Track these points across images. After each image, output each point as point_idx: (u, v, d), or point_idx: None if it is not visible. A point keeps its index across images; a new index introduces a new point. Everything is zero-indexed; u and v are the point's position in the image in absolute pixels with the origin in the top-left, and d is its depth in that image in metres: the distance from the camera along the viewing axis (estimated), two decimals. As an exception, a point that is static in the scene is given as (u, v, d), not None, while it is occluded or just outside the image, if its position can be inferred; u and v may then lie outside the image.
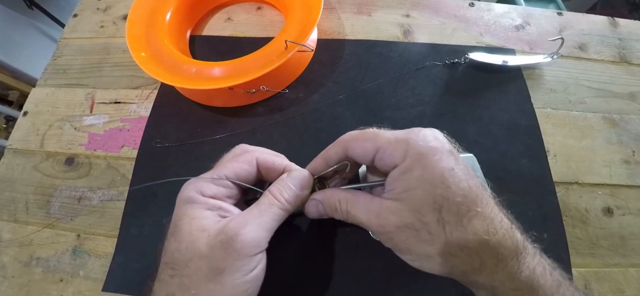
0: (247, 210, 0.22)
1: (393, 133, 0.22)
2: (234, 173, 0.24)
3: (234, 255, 0.20)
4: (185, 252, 0.20)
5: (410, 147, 0.21)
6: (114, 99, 0.39)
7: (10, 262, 0.31)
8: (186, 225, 0.21)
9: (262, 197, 0.23)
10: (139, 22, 0.38)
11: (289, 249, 0.30)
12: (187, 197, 0.22)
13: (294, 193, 0.23)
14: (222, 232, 0.20)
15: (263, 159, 0.25)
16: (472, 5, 0.45)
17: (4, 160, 0.36)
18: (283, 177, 0.24)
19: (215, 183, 0.23)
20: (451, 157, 0.21)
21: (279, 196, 0.23)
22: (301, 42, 0.34)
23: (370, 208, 0.22)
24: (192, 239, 0.20)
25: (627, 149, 0.36)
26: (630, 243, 0.31)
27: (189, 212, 0.21)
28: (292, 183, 0.24)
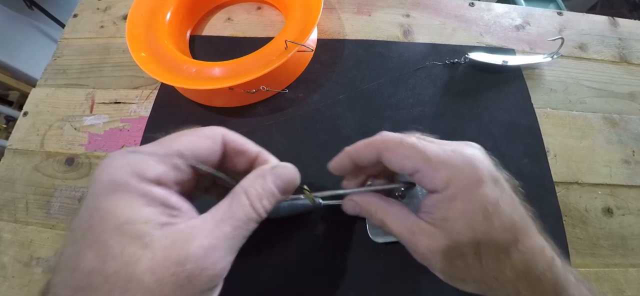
0: (211, 217, 0.16)
1: (436, 152, 0.20)
2: (190, 149, 0.17)
3: (191, 292, 0.14)
4: (115, 280, 0.13)
5: (454, 176, 0.19)
6: (114, 99, 0.39)
7: (10, 262, 0.31)
8: (112, 232, 0.14)
9: (232, 200, 0.17)
10: (139, 22, 0.38)
11: (289, 249, 0.30)
12: (113, 181, 0.15)
13: (276, 199, 0.18)
14: (177, 260, 0.14)
15: (232, 138, 0.19)
16: (472, 5, 0.45)
17: (4, 160, 0.36)
18: (265, 172, 0.18)
19: (162, 162, 0.16)
20: (496, 187, 0.19)
21: (257, 204, 0.17)
22: (301, 42, 0.34)
23: (406, 224, 0.21)
24: (126, 261, 0.13)
25: (627, 149, 0.36)
26: (630, 243, 0.31)
27: (116, 208, 0.14)
28: (275, 186, 0.18)
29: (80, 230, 0.14)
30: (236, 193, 0.17)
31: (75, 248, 0.14)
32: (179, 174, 0.17)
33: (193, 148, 0.17)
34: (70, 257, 0.14)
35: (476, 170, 0.19)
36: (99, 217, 0.14)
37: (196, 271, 0.14)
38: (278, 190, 0.18)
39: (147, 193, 0.15)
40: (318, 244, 0.30)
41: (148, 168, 0.15)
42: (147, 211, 0.15)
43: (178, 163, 0.17)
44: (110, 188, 0.15)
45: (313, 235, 0.30)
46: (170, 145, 0.17)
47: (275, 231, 0.30)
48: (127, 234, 0.14)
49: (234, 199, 0.17)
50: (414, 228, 0.21)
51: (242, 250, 0.30)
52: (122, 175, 0.15)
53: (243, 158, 0.20)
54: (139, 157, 0.16)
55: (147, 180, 0.15)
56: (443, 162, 0.19)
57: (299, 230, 0.30)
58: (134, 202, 0.14)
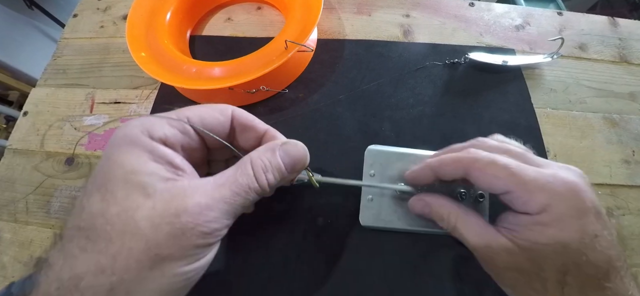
0: (214, 180, 0.17)
1: (532, 176, 0.19)
2: (199, 117, 0.18)
3: (186, 245, 0.15)
4: (115, 222, 0.14)
5: (553, 203, 0.18)
6: (114, 99, 0.39)
7: (10, 262, 0.31)
8: (119, 179, 0.15)
9: (237, 168, 0.17)
10: (139, 22, 0.38)
11: (288, 248, 0.30)
12: (126, 135, 0.16)
13: (283, 175, 0.19)
14: (174, 212, 0.15)
15: (240, 114, 0.20)
16: (472, 5, 0.45)
17: (4, 160, 0.36)
18: (275, 147, 0.19)
19: (171, 125, 0.17)
20: (598, 222, 0.18)
21: (261, 177, 0.17)
22: (301, 42, 0.34)
23: (482, 234, 0.20)
24: (128, 206, 0.15)
25: (627, 149, 0.36)
26: (630, 243, 0.31)
27: (126, 159, 0.15)
28: (284, 161, 0.19)
29: (94, 177, 0.16)
30: (243, 162, 0.18)
31: (87, 193, 0.15)
32: (186, 139, 0.18)
33: (202, 117, 0.18)
34: (81, 201, 0.15)
35: (580, 200, 0.18)
36: (109, 166, 0.15)
37: (190, 225, 0.15)
38: (285, 166, 0.19)
39: (154, 149, 0.16)
40: (318, 243, 0.30)
41: (157, 128, 0.17)
42: (153, 165, 0.16)
43: (185, 127, 0.18)
44: (123, 142, 0.16)
45: (313, 234, 0.30)
46: (180, 113, 0.18)
47: (274, 229, 0.30)
48: (132, 183, 0.15)
49: (239, 167, 0.17)
50: (491, 242, 0.20)
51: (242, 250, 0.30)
52: (135, 131, 0.16)
53: (251, 134, 0.20)
54: (151, 118, 0.17)
55: (155, 138, 0.16)
56: (541, 187, 0.18)
57: (300, 227, 0.30)
58: (141, 156, 0.16)
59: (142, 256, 0.14)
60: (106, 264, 0.14)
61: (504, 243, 0.19)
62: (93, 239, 0.14)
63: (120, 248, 0.14)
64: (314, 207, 0.31)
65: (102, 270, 0.14)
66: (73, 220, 0.15)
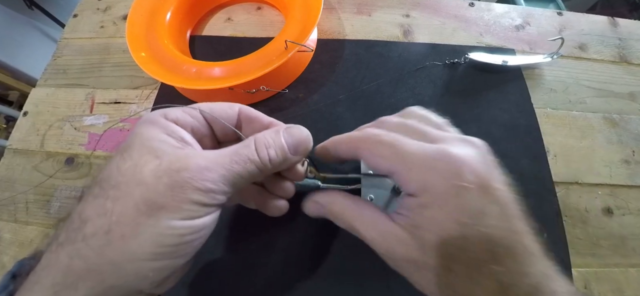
0: (217, 151, 0.18)
1: (414, 152, 0.18)
2: (209, 108, 0.20)
3: (182, 198, 0.16)
4: (125, 173, 0.16)
5: (430, 180, 0.17)
6: (114, 99, 0.39)
7: (10, 262, 0.31)
8: (138, 144, 0.17)
9: (241, 143, 0.19)
10: (139, 22, 0.38)
11: (288, 248, 0.30)
12: (147, 118, 0.19)
13: (284, 154, 0.19)
14: (176, 168, 0.16)
15: (246, 109, 0.22)
16: (472, 5, 0.45)
17: (4, 160, 0.36)
18: (279, 128, 0.20)
19: (183, 110, 0.20)
20: (483, 197, 0.17)
21: (263, 151, 0.18)
22: (301, 42, 0.34)
23: (378, 227, 0.19)
24: (139, 162, 0.16)
25: (627, 149, 0.36)
26: (630, 243, 0.31)
27: (145, 131, 0.18)
28: (286, 141, 0.19)
29: (121, 147, 0.18)
30: (247, 139, 0.19)
31: (112, 158, 0.18)
32: (195, 123, 0.20)
33: (211, 108, 0.21)
34: (107, 163, 0.18)
35: (459, 175, 0.17)
36: (132, 137, 0.18)
37: (189, 180, 0.16)
38: (288, 146, 0.19)
39: (168, 126, 0.19)
40: (318, 243, 0.30)
41: (171, 112, 0.19)
42: (165, 136, 0.18)
43: (195, 113, 0.20)
44: (145, 121, 0.19)
45: (313, 234, 0.30)
46: (194, 105, 0.21)
47: (275, 229, 0.30)
48: (146, 146, 0.17)
49: (243, 142, 0.19)
50: (386, 234, 0.19)
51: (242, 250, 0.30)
52: (154, 115, 0.19)
53: (257, 127, 0.22)
54: (169, 107, 0.20)
55: (170, 118, 0.19)
56: (420, 164, 0.18)
57: (300, 228, 0.30)
58: (157, 129, 0.18)
59: (139, 202, 0.16)
60: (108, 207, 0.16)
61: (396, 233, 0.18)
62: (105, 187, 0.16)
63: (123, 194, 0.16)
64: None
65: (105, 212, 0.15)
66: (97, 176, 0.17)
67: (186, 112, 0.20)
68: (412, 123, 0.21)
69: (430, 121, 0.22)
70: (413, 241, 0.18)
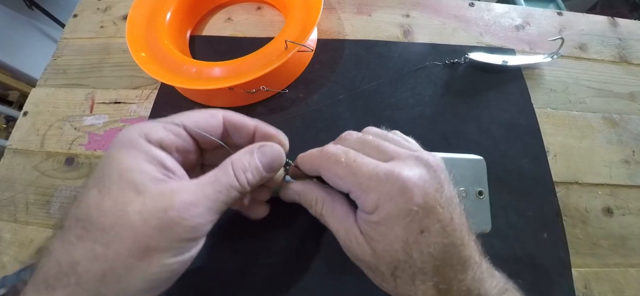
0: (198, 181, 0.18)
1: (367, 173, 0.19)
2: (193, 121, 0.20)
3: (173, 239, 0.16)
4: (108, 214, 0.16)
5: (381, 202, 0.19)
6: (114, 99, 0.39)
7: (10, 262, 0.31)
8: (115, 176, 0.16)
9: (219, 169, 0.19)
10: (139, 22, 0.38)
11: (288, 248, 0.30)
12: (126, 138, 0.18)
13: (261, 175, 0.20)
14: (162, 207, 0.16)
15: (230, 115, 0.21)
16: (472, 5, 0.45)
17: (4, 160, 0.36)
18: (253, 149, 0.20)
19: (166, 129, 0.19)
20: (428, 217, 0.18)
21: (241, 176, 0.19)
22: (301, 42, 0.34)
23: (344, 223, 0.21)
24: (121, 200, 0.16)
25: (627, 149, 0.36)
26: (630, 243, 0.31)
27: (123, 158, 0.17)
28: (261, 161, 0.20)
29: (94, 174, 0.17)
30: (224, 164, 0.19)
31: (87, 187, 0.17)
32: (180, 141, 0.19)
33: (195, 120, 0.20)
34: (80, 194, 0.17)
35: (407, 197, 0.18)
36: (108, 164, 0.17)
37: (177, 219, 0.16)
38: (262, 165, 0.20)
39: (149, 151, 0.18)
40: (318, 243, 0.30)
41: (153, 131, 0.18)
42: (146, 166, 0.17)
43: (179, 131, 0.19)
44: (122, 144, 0.17)
45: (313, 234, 0.30)
46: (175, 118, 0.20)
47: (275, 229, 0.30)
48: (125, 180, 0.16)
49: (221, 168, 0.19)
50: (349, 233, 0.20)
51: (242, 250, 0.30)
52: (133, 134, 0.18)
53: (243, 133, 0.22)
54: (149, 123, 0.19)
55: (152, 141, 0.18)
56: (373, 186, 0.19)
57: (300, 228, 0.30)
58: (137, 157, 0.17)
59: (132, 247, 0.16)
60: (100, 252, 0.16)
61: (357, 235, 0.20)
62: (89, 229, 0.16)
63: (113, 238, 0.16)
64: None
65: (96, 257, 0.15)
66: (72, 212, 0.17)
67: (169, 129, 0.19)
68: (371, 140, 0.22)
69: (387, 137, 0.23)
70: (368, 247, 0.20)
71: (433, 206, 0.18)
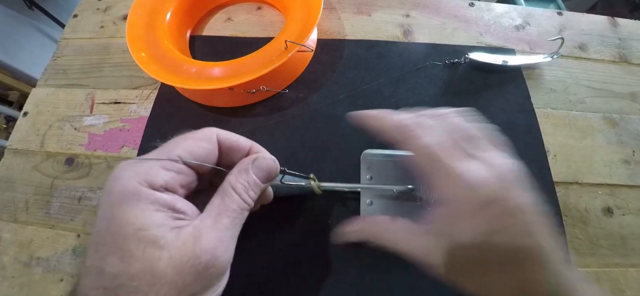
0: (210, 215, 0.18)
1: (455, 167, 0.19)
2: (189, 152, 0.19)
3: (209, 280, 0.17)
4: (140, 277, 0.15)
5: (458, 194, 0.19)
6: (114, 99, 0.39)
7: (10, 262, 0.31)
8: (133, 239, 0.16)
9: (223, 196, 0.19)
10: (139, 23, 0.38)
11: (288, 249, 0.30)
12: (125, 190, 0.16)
13: (260, 188, 0.21)
14: (193, 254, 0.16)
15: (225, 137, 0.21)
16: (472, 5, 0.45)
17: (4, 160, 0.36)
18: (247, 166, 0.20)
19: (166, 168, 0.18)
20: (508, 214, 0.18)
21: (245, 196, 0.19)
22: (301, 42, 0.34)
23: (417, 243, 0.20)
24: (148, 261, 0.15)
25: (627, 149, 0.36)
26: (630, 243, 0.31)
27: (133, 217, 0.16)
28: (257, 177, 0.20)
29: (100, 237, 0.16)
30: (226, 190, 0.19)
31: (99, 254, 0.16)
32: (183, 177, 0.19)
33: (193, 152, 0.19)
34: (96, 262, 0.16)
35: (485, 193, 0.18)
36: (116, 226, 0.16)
37: (211, 261, 0.17)
38: (260, 179, 0.20)
39: (157, 200, 0.17)
40: (318, 244, 0.30)
41: (156, 176, 0.17)
42: (158, 216, 0.17)
43: (179, 168, 0.18)
44: (123, 198, 0.16)
45: (313, 235, 0.30)
46: (173, 150, 0.18)
47: (276, 229, 0.30)
48: (144, 239, 0.16)
49: (225, 195, 0.19)
50: (423, 248, 0.20)
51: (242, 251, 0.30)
52: (134, 184, 0.16)
53: (238, 153, 0.22)
54: (147, 165, 0.17)
55: (156, 187, 0.17)
56: (455, 177, 0.19)
57: (300, 229, 0.30)
58: (145, 210, 0.16)
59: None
60: None
61: (427, 242, 0.20)
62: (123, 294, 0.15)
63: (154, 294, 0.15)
64: (314, 209, 0.31)
65: None
66: (92, 281, 0.16)
67: (170, 168, 0.18)
68: (459, 136, 0.21)
69: (472, 136, 0.22)
70: (438, 246, 0.19)
71: (514, 204, 0.19)
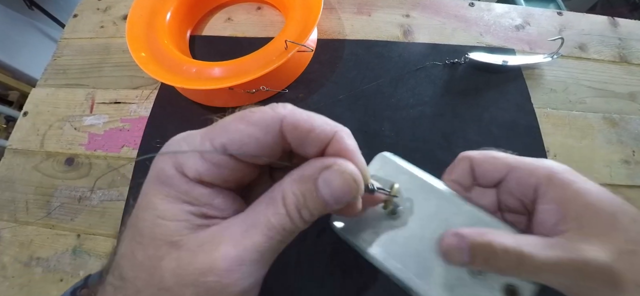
0: (243, 223, 0.14)
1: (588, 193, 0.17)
2: (238, 142, 0.14)
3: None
4: (140, 270, 0.14)
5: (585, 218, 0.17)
6: (114, 99, 0.39)
7: (10, 262, 0.31)
8: (149, 223, 0.14)
9: (268, 204, 0.15)
10: (139, 22, 0.38)
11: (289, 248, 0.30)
12: (161, 172, 0.14)
13: (324, 209, 0.15)
14: (200, 270, 0.13)
15: (294, 121, 0.15)
16: (472, 5, 0.45)
17: (4, 160, 0.36)
18: (313, 175, 0.15)
19: (206, 158, 0.14)
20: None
21: (294, 214, 0.14)
22: (301, 42, 0.34)
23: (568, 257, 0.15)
24: (153, 254, 0.14)
25: (627, 149, 0.36)
26: (630, 243, 0.31)
27: (158, 201, 0.14)
28: (324, 195, 0.14)
29: (134, 213, 0.15)
30: (273, 197, 0.15)
31: (126, 230, 0.15)
32: (221, 171, 0.15)
33: (242, 141, 0.14)
34: (121, 237, 0.15)
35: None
36: (143, 204, 0.14)
37: (218, 287, 0.13)
38: (327, 198, 0.14)
39: (188, 192, 0.14)
40: (318, 243, 0.30)
41: (190, 164, 0.14)
42: (183, 209, 0.14)
43: (221, 160, 0.14)
44: (157, 180, 0.14)
45: (313, 234, 0.30)
46: (219, 138, 0.14)
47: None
48: (159, 228, 0.14)
49: (270, 203, 0.14)
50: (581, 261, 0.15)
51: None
52: (168, 168, 0.14)
53: (314, 144, 0.15)
54: (185, 146, 0.15)
55: (188, 175, 0.14)
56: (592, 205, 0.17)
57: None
58: (173, 199, 0.14)
59: None
60: None
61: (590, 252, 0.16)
62: (123, 284, 0.14)
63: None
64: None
65: None
66: (109, 260, 0.15)
67: (209, 160, 0.14)
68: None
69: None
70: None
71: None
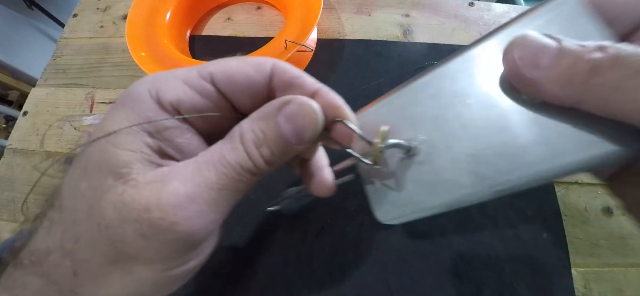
0: (196, 161, 0.13)
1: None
2: (227, 76, 0.14)
3: (160, 249, 0.12)
4: (81, 201, 0.12)
5: None
6: (114, 99, 0.39)
7: (11, 262, 0.31)
8: (99, 149, 0.12)
9: (225, 142, 0.13)
10: (139, 22, 0.38)
11: (288, 248, 0.30)
12: (132, 91, 0.13)
13: (285, 148, 0.13)
14: (144, 206, 0.12)
15: (282, 69, 0.15)
16: (472, 5, 0.45)
17: (4, 160, 0.36)
18: (271, 111, 0.13)
19: (189, 84, 0.14)
20: None
21: (253, 151, 0.13)
22: (301, 42, 0.34)
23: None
24: (97, 186, 0.12)
25: (627, 149, 0.35)
26: (630, 243, 0.31)
27: (118, 121, 0.12)
28: (285, 131, 0.13)
29: (88, 135, 0.14)
30: (232, 135, 0.14)
31: (78, 154, 0.13)
32: (205, 103, 0.14)
33: (231, 75, 0.14)
34: (74, 162, 0.14)
35: None
36: (101, 125, 0.13)
37: (164, 223, 0.12)
38: (289, 134, 0.13)
39: (152, 118, 0.13)
40: (318, 243, 0.30)
41: (168, 89, 0.13)
42: (140, 139, 0.12)
43: (205, 87, 0.13)
44: (126, 99, 0.13)
45: (313, 234, 0.30)
46: (204, 68, 0.14)
47: (276, 228, 0.30)
48: (109, 155, 0.12)
49: (228, 140, 0.13)
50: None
51: (242, 250, 0.30)
52: (141, 89, 0.13)
53: (299, 89, 0.15)
54: (167, 75, 0.14)
55: (165, 102, 0.13)
56: None
57: (300, 228, 0.30)
58: (132, 122, 0.12)
59: (106, 251, 0.12)
60: (70, 249, 0.12)
61: None
62: (61, 216, 0.13)
63: (84, 235, 0.12)
64: (314, 207, 0.31)
65: (67, 254, 0.12)
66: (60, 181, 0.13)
67: (193, 86, 0.14)
68: None
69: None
70: None
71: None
